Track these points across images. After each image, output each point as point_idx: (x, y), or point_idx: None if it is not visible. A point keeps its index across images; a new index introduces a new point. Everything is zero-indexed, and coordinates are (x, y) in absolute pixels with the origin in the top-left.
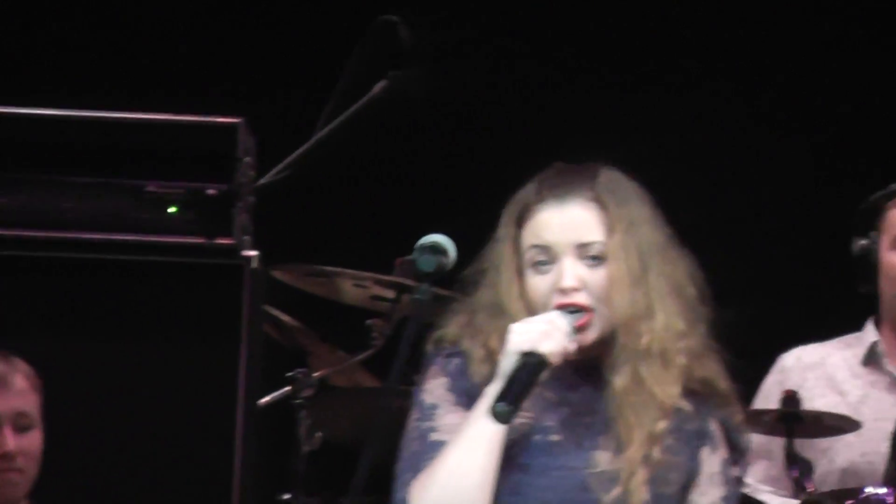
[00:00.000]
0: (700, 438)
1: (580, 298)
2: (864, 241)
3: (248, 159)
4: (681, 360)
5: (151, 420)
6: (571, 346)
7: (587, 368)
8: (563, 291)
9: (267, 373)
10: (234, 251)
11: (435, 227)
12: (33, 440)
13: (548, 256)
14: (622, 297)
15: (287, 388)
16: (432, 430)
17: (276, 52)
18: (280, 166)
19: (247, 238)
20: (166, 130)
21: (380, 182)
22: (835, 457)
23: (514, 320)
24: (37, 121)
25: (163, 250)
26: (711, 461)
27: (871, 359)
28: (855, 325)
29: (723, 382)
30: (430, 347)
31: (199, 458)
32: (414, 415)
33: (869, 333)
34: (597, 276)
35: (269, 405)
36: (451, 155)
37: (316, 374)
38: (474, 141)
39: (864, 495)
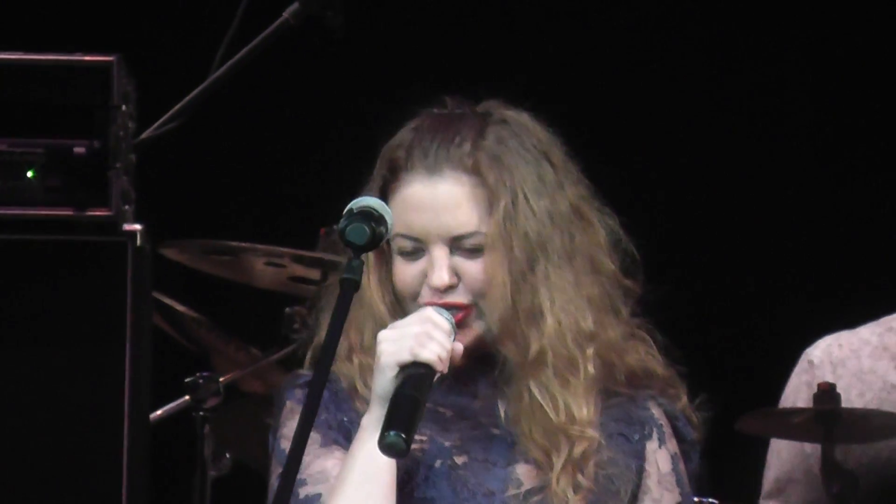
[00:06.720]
0: (643, 431)
1: (456, 297)
2: None
3: (125, 107)
4: (589, 369)
5: (23, 442)
6: (458, 347)
7: (482, 367)
8: (436, 290)
9: (160, 378)
10: (111, 225)
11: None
12: None
13: (415, 245)
14: (500, 299)
15: (185, 398)
16: (301, 483)
17: None
18: (167, 115)
19: (127, 208)
20: (20, 72)
21: (296, 134)
22: (883, 469)
23: (377, 317)
24: None
25: (20, 226)
26: (660, 459)
27: None
28: (887, 306)
29: (658, 366)
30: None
31: (79, 488)
32: (275, 469)
33: None
34: (475, 268)
35: (163, 419)
36: (389, 97)
37: (222, 379)
38: (416, 78)
39: None
